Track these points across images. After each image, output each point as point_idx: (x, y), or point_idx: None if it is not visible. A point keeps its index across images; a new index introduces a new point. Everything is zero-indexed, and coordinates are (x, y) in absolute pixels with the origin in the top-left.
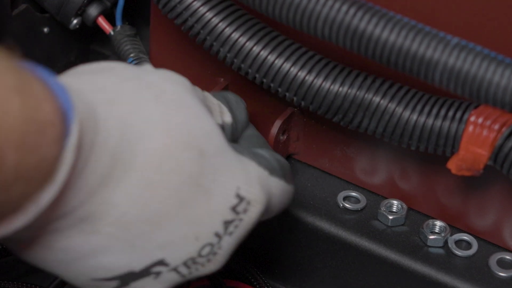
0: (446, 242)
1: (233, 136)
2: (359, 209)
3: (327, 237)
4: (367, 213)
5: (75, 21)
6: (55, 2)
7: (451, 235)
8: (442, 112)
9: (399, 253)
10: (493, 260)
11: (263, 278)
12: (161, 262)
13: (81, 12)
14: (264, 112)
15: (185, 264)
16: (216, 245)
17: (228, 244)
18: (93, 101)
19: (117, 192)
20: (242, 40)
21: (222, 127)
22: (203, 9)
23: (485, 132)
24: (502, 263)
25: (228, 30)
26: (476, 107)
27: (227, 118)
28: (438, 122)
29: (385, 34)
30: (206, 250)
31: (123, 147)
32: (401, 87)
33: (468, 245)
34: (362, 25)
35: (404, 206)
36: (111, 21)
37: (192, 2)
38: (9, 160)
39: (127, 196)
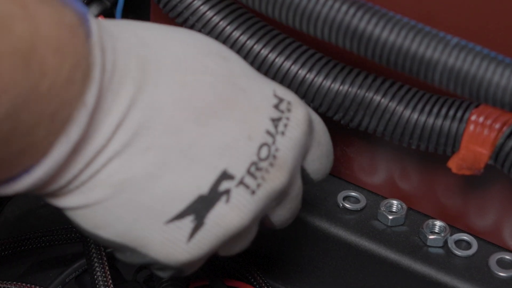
0: (446, 242)
1: None
2: (359, 209)
3: (327, 237)
4: (367, 213)
5: None
6: None
7: (451, 235)
8: (443, 111)
9: (399, 253)
10: (493, 260)
11: (263, 278)
12: (226, 175)
13: None
14: None
15: (249, 172)
16: (272, 146)
17: (284, 145)
18: (103, 22)
19: (157, 94)
20: (243, 38)
21: None
22: (203, 8)
23: (486, 131)
24: (502, 263)
25: (228, 29)
26: (477, 106)
27: None
28: (439, 121)
29: (385, 34)
30: (265, 152)
31: (146, 53)
32: (401, 86)
33: (468, 245)
34: (362, 25)
35: (404, 206)
36: None
37: (193, 1)
38: (51, 64)
39: (169, 97)
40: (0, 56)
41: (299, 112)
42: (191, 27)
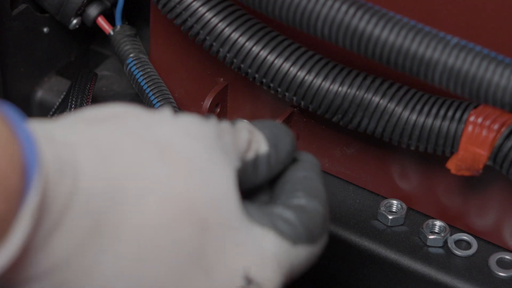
0: (445, 242)
1: (270, 168)
2: (359, 209)
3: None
4: (367, 213)
5: (75, 21)
6: (55, 2)
7: (451, 235)
8: (442, 112)
9: (399, 253)
10: (493, 260)
11: None
12: None
13: (81, 12)
14: (264, 112)
15: None
16: None
17: None
18: (80, 157)
19: (101, 262)
20: (242, 40)
21: (256, 160)
22: (202, 9)
23: (484, 132)
24: (502, 263)
25: (227, 30)
26: (475, 107)
27: (263, 147)
28: (438, 122)
29: (384, 34)
30: None
31: (111, 212)
32: (400, 86)
33: (468, 245)
34: (362, 25)
35: (404, 206)
36: (111, 21)
37: (192, 2)
38: None
39: (113, 267)
40: None
41: None
42: (190, 28)
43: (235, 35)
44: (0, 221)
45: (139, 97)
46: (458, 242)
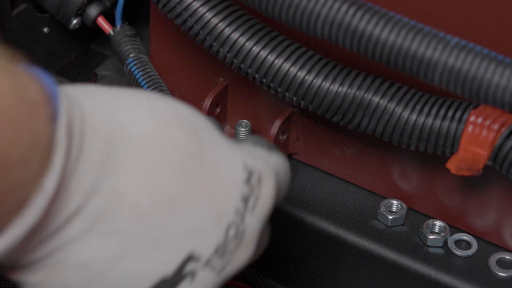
0: (445, 242)
1: None
2: (359, 209)
3: (327, 237)
4: (367, 213)
5: (75, 21)
6: (55, 2)
7: (451, 235)
8: (442, 112)
9: (399, 253)
10: (493, 260)
11: (263, 278)
12: (192, 257)
13: (81, 12)
14: (264, 112)
15: (216, 253)
16: (241, 225)
17: (252, 223)
18: (75, 94)
19: (123, 180)
20: (242, 40)
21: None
22: (202, 10)
23: (484, 132)
24: (502, 263)
25: (227, 30)
26: (475, 107)
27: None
28: (438, 122)
29: (385, 34)
30: (232, 232)
31: (115, 133)
32: (400, 87)
33: (468, 245)
34: (362, 25)
35: (404, 206)
36: (111, 21)
37: (192, 2)
38: (5, 138)
39: (135, 182)
40: None
41: (268, 184)
42: (190, 28)
43: (235, 35)
44: (45, 142)
45: None
46: (458, 242)
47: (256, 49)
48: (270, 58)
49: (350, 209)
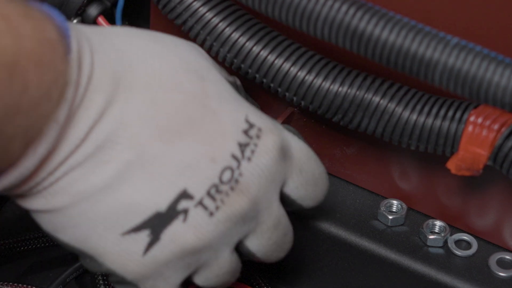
0: (446, 242)
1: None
2: (359, 209)
3: (327, 237)
4: (367, 213)
5: (75, 21)
6: (55, 2)
7: (451, 235)
8: (442, 112)
9: (399, 253)
10: (493, 260)
11: (263, 279)
12: (185, 194)
13: (81, 12)
14: (264, 112)
15: (209, 194)
16: (236, 170)
17: (249, 171)
18: (85, 31)
19: (125, 111)
20: (242, 40)
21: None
22: (203, 10)
23: (484, 132)
24: (502, 263)
25: (228, 30)
26: (475, 107)
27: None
28: (438, 122)
29: (385, 34)
30: (227, 175)
31: (122, 68)
32: (400, 87)
33: (468, 245)
34: (362, 25)
35: (404, 206)
36: (111, 21)
37: (192, 2)
38: (32, 79)
39: (136, 114)
40: None
41: (269, 139)
42: (190, 29)
43: (235, 35)
44: (63, 77)
45: None
46: (458, 242)
47: (256, 49)
48: (271, 58)
49: (350, 209)
